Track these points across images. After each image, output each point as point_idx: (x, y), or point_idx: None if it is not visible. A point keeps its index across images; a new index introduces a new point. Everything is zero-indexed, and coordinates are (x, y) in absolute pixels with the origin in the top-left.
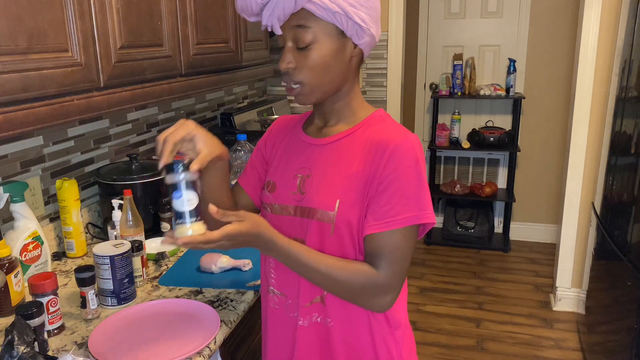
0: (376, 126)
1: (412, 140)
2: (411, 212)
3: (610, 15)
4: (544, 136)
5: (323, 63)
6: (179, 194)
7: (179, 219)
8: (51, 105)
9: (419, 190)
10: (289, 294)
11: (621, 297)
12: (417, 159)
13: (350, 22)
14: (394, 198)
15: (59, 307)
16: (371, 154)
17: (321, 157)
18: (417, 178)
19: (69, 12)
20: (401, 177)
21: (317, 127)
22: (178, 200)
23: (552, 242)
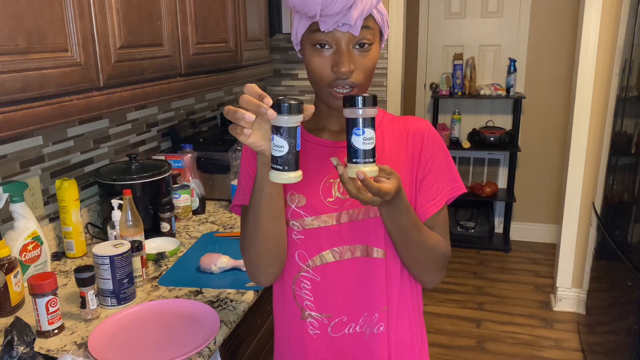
0: (392, 118)
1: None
2: (449, 186)
3: (611, 15)
4: (544, 136)
5: (374, 64)
6: (359, 130)
7: (355, 157)
8: (51, 105)
9: (450, 164)
10: (335, 312)
11: (621, 297)
12: (440, 137)
13: (385, 27)
14: (437, 176)
15: (58, 307)
16: (409, 140)
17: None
18: (447, 154)
19: (68, 12)
20: (439, 156)
21: (332, 132)
22: (358, 137)
23: (552, 242)
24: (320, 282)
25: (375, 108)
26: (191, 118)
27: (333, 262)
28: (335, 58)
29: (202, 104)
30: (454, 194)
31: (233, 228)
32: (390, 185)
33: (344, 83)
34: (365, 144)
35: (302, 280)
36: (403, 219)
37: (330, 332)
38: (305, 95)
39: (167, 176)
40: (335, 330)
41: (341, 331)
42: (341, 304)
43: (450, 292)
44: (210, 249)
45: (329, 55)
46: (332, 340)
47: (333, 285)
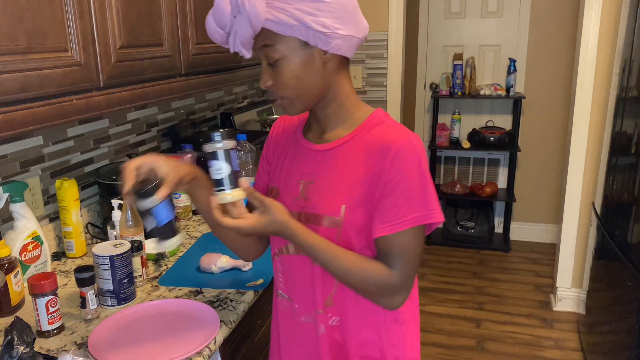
0: (376, 128)
1: (414, 140)
2: (418, 212)
3: (611, 15)
4: (544, 136)
5: (294, 76)
6: (211, 163)
7: (217, 186)
8: (51, 105)
9: (424, 189)
10: (295, 298)
11: (621, 297)
12: (419, 159)
13: (310, 32)
14: (400, 199)
15: (58, 307)
16: (374, 157)
17: (324, 164)
18: (422, 178)
19: (68, 12)
20: (406, 179)
21: (316, 133)
22: (211, 169)
23: (552, 242)
24: (285, 269)
25: (218, 144)
26: (191, 118)
27: (294, 255)
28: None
29: (202, 104)
30: (422, 221)
31: None
32: (247, 222)
33: (268, 95)
34: (215, 174)
35: (276, 262)
36: (302, 250)
37: (294, 314)
38: None
39: None
40: (295, 315)
41: (299, 317)
42: (298, 293)
43: (450, 292)
44: (210, 249)
45: None
46: (294, 324)
47: (292, 275)
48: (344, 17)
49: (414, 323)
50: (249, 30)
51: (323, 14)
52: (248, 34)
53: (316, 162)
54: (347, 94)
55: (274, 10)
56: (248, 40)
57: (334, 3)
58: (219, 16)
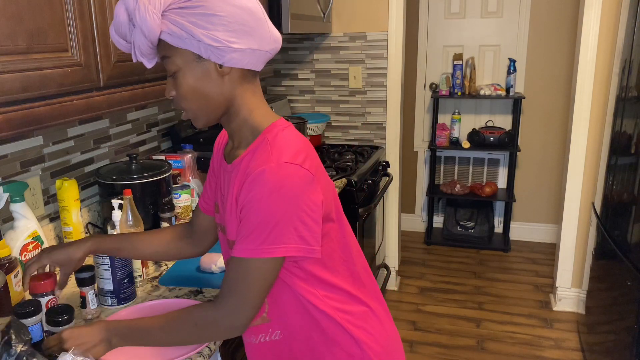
0: (259, 150)
1: (277, 167)
2: (250, 245)
3: (610, 15)
4: (544, 136)
5: (191, 89)
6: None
7: None
8: (51, 105)
9: (266, 223)
10: None
11: (621, 297)
12: (275, 188)
13: (202, 45)
14: (245, 227)
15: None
16: (242, 180)
17: (228, 183)
18: (268, 210)
19: (68, 12)
20: (253, 207)
21: (229, 148)
22: None
23: (552, 242)
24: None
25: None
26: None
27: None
28: None
29: None
30: (250, 254)
31: None
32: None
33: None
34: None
35: None
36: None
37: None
38: (305, 96)
39: (167, 176)
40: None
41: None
42: None
43: (450, 292)
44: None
45: None
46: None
47: None
48: (241, 31)
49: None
50: (144, 42)
51: (216, 28)
52: (145, 45)
53: (226, 181)
54: (251, 107)
55: (169, 23)
56: (147, 51)
57: (229, 17)
58: (117, 26)
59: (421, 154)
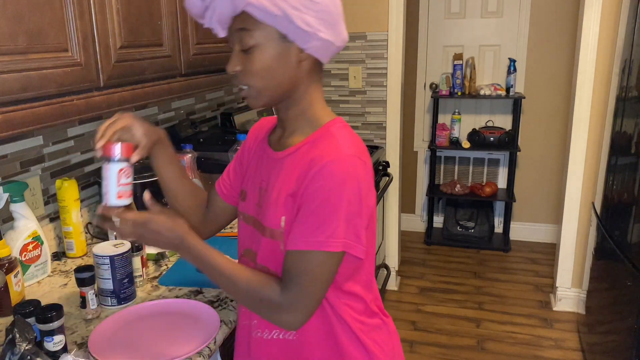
0: (322, 141)
1: (346, 159)
2: (319, 237)
3: (610, 15)
4: (544, 136)
5: (266, 67)
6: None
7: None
8: (51, 105)
9: (335, 215)
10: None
11: (621, 297)
12: (343, 181)
13: (292, 26)
14: (309, 219)
15: (130, 182)
16: (304, 170)
17: (274, 171)
18: (337, 203)
19: (68, 12)
20: (320, 199)
21: (277, 136)
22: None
23: (552, 242)
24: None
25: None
26: (191, 118)
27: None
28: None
29: (202, 104)
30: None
31: (233, 228)
32: (154, 216)
33: (235, 81)
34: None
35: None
36: (191, 260)
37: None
38: None
39: None
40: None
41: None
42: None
43: (450, 292)
44: None
45: None
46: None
47: None
48: (328, 21)
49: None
50: (228, 9)
51: (308, 12)
52: (227, 12)
53: (269, 169)
54: (313, 100)
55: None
56: (225, 19)
57: (323, 4)
58: None
59: (421, 154)
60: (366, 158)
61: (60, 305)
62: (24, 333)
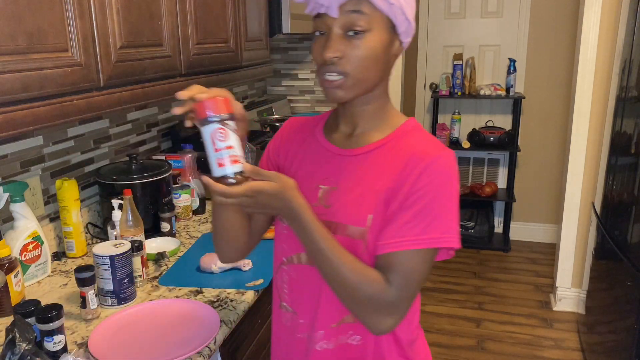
0: (410, 137)
1: (450, 156)
2: (434, 234)
3: (610, 15)
4: (544, 136)
5: (372, 55)
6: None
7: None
8: (51, 105)
9: (448, 211)
10: (301, 313)
11: (621, 297)
12: (452, 177)
13: (402, 18)
14: (420, 215)
15: (231, 145)
16: (403, 166)
17: (350, 168)
18: (449, 198)
19: (69, 12)
20: (431, 195)
21: (343, 133)
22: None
23: (552, 242)
24: (294, 279)
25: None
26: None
27: (307, 265)
28: (325, 43)
29: None
30: (438, 244)
31: None
32: (265, 185)
33: (328, 69)
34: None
35: (283, 271)
36: (299, 232)
37: (296, 329)
38: (305, 96)
39: (167, 176)
40: (298, 330)
41: (300, 333)
42: (305, 308)
43: (450, 292)
44: (211, 249)
45: (322, 42)
46: (295, 337)
47: (302, 286)
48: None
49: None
50: None
51: (411, 8)
52: None
53: (342, 166)
54: (388, 96)
55: None
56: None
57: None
58: None
59: None
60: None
61: (60, 305)
62: (24, 333)
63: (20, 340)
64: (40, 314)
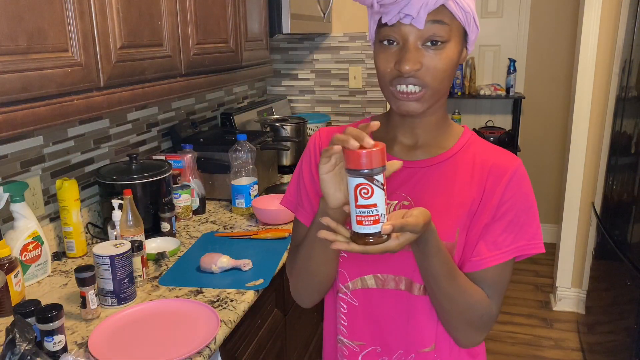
0: (477, 146)
1: (522, 165)
2: (522, 241)
3: (610, 15)
4: (544, 136)
5: (450, 66)
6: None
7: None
8: (51, 105)
9: (533, 217)
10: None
11: (621, 297)
12: (530, 185)
13: (473, 25)
14: (511, 225)
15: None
16: (484, 177)
17: (423, 181)
18: (532, 205)
19: (69, 12)
20: (519, 204)
21: (404, 145)
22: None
23: (552, 242)
24: (358, 307)
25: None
26: (191, 118)
27: (375, 288)
28: (400, 55)
29: (202, 104)
30: (526, 251)
31: (233, 228)
32: (417, 219)
33: (406, 82)
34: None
35: (339, 301)
36: (430, 264)
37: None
38: (305, 96)
39: (167, 176)
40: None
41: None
42: (377, 334)
43: None
44: (211, 248)
45: (394, 52)
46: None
47: (371, 312)
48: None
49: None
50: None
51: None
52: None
53: (413, 180)
54: (446, 107)
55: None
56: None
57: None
58: None
59: None
60: None
61: (60, 305)
62: (24, 333)
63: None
64: (40, 314)
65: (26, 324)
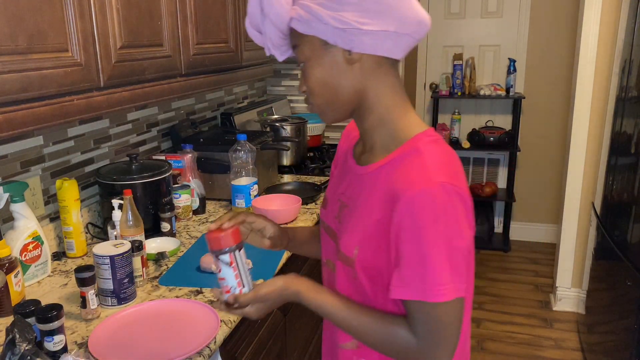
0: (407, 161)
1: (436, 189)
2: (426, 285)
3: (610, 15)
4: (544, 136)
5: (319, 81)
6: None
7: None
8: (51, 105)
9: (435, 259)
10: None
11: (621, 297)
12: (436, 217)
13: (327, 28)
14: (410, 262)
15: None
16: (388, 200)
17: (357, 187)
18: (433, 243)
19: (69, 12)
20: (415, 239)
21: (360, 148)
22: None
23: (552, 242)
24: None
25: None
26: (191, 118)
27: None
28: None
29: (202, 104)
30: (429, 298)
31: None
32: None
33: (306, 102)
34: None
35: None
36: (320, 313)
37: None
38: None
39: (167, 176)
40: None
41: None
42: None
43: None
44: None
45: None
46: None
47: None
48: (375, 11)
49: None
50: (273, 31)
51: (344, 8)
52: (275, 35)
53: (352, 183)
54: (389, 104)
55: (298, 8)
56: (278, 42)
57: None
58: (251, 17)
59: None
60: (459, 182)
61: (60, 305)
62: (24, 333)
63: (20, 340)
64: (40, 314)
65: (26, 324)
